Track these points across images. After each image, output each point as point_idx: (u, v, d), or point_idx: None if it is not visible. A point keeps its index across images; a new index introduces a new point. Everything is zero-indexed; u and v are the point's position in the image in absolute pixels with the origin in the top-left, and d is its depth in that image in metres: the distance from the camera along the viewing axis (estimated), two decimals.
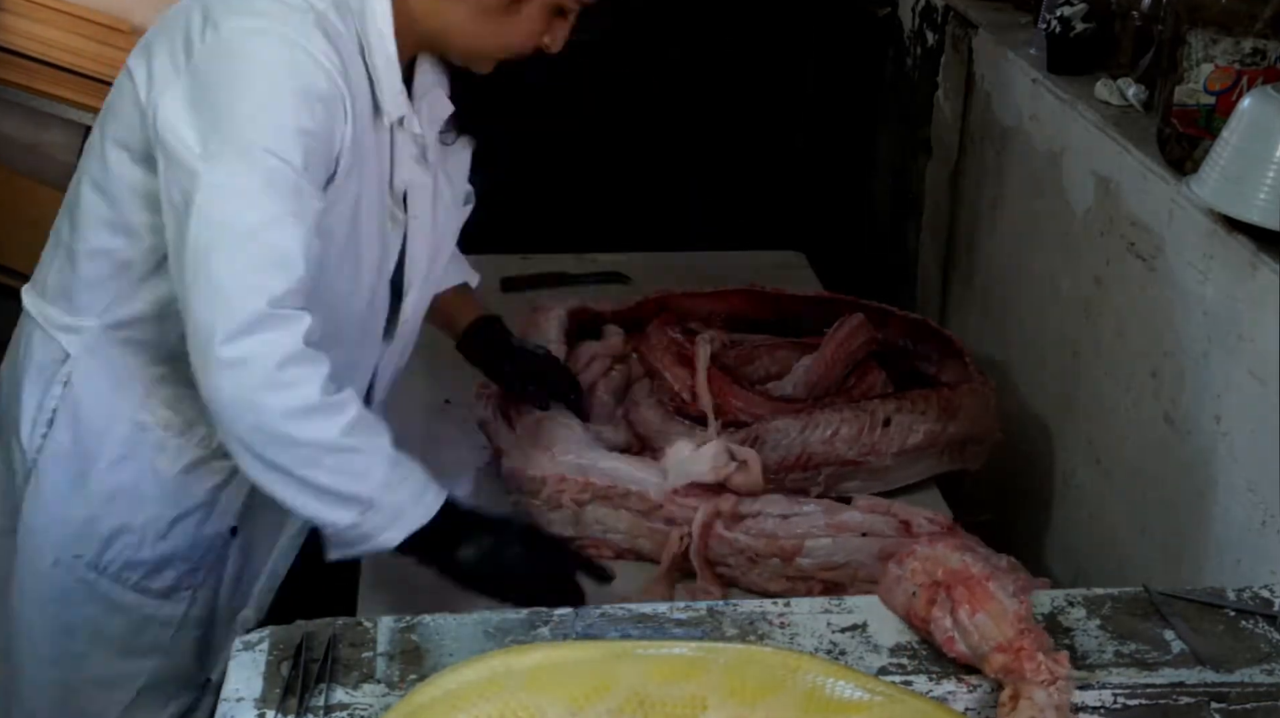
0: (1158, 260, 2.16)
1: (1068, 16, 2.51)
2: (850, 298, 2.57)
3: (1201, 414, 2.04)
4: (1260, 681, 1.45)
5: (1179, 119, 2.11)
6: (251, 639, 1.47)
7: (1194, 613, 1.55)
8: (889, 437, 2.17)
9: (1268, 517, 1.88)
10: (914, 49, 3.32)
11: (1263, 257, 1.88)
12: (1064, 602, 1.57)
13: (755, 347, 2.42)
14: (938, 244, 3.17)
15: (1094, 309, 2.38)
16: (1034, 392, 2.62)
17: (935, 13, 3.17)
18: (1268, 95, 1.91)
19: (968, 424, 2.25)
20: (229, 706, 1.38)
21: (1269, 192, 1.87)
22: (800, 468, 2.15)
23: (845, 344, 2.36)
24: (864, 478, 2.18)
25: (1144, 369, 2.21)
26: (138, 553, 1.90)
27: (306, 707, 1.37)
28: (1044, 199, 2.57)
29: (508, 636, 1.49)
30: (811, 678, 1.27)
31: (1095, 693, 1.43)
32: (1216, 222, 1.98)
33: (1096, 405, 2.38)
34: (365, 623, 1.50)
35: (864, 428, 2.16)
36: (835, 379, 2.33)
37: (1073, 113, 2.43)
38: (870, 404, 2.22)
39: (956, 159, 3.03)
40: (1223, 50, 2.07)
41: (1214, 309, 2.01)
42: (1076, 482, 2.46)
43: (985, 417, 2.29)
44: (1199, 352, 2.05)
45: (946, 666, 1.46)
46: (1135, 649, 1.49)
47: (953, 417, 2.22)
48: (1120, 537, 2.30)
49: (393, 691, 1.40)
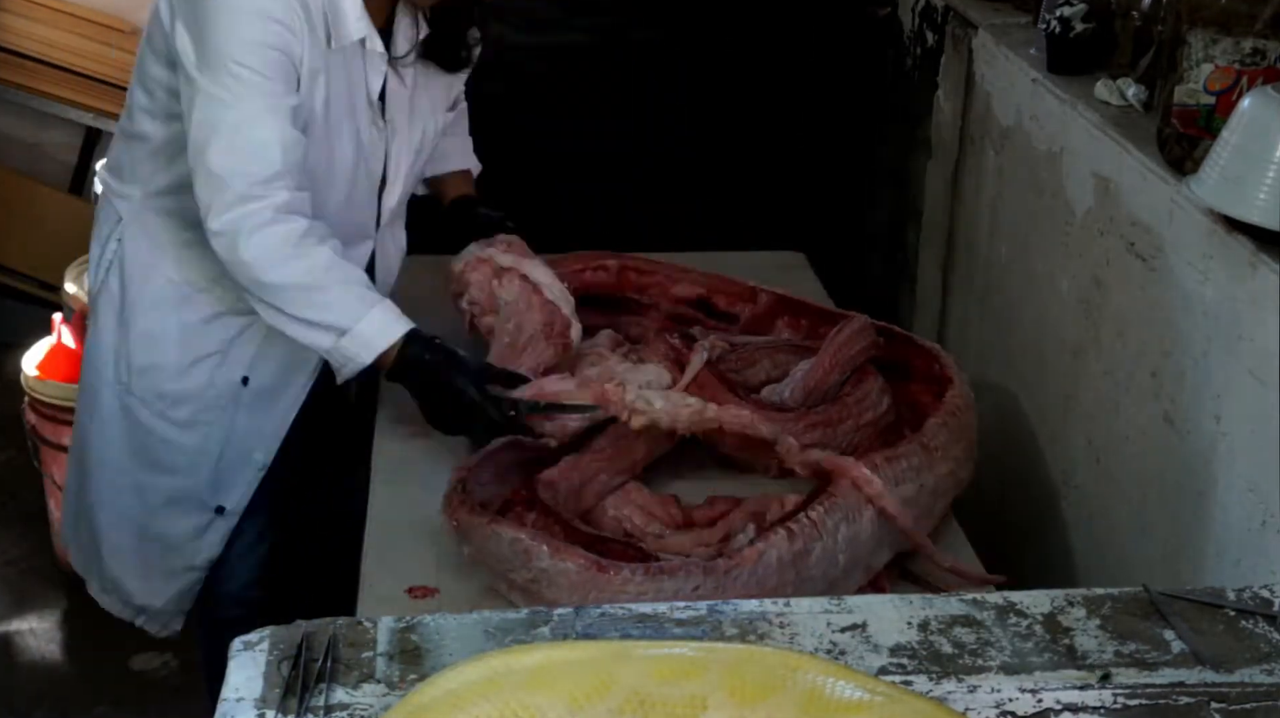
0: (1158, 260, 2.16)
1: (1068, 16, 2.51)
2: (796, 299, 2.58)
3: (1201, 414, 2.04)
4: (1260, 681, 1.45)
5: (1179, 119, 2.11)
6: (251, 639, 1.47)
7: (1194, 613, 1.55)
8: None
9: (1268, 517, 1.89)
10: (914, 49, 3.32)
11: (1263, 257, 1.89)
12: (1064, 602, 1.57)
13: (756, 349, 2.40)
14: (937, 244, 3.17)
15: (1094, 309, 2.38)
16: (1034, 392, 2.62)
17: (935, 13, 3.17)
18: (1268, 95, 1.91)
19: (950, 464, 2.15)
20: (229, 705, 1.38)
21: (1269, 192, 1.87)
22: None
23: (844, 349, 2.32)
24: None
25: (1144, 369, 2.21)
26: (163, 385, 2.33)
27: (306, 707, 1.37)
28: (1044, 199, 2.57)
29: (508, 636, 1.49)
30: (811, 678, 1.27)
31: (1095, 693, 1.43)
32: (1216, 222, 1.98)
33: (1096, 405, 2.38)
34: (365, 623, 1.50)
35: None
36: (833, 385, 2.29)
37: (1072, 113, 2.43)
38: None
39: (956, 159, 3.03)
40: (1223, 50, 2.07)
41: (1214, 309, 2.01)
42: (1076, 482, 2.46)
43: (966, 436, 2.22)
44: (1199, 352, 2.05)
45: (946, 665, 1.46)
46: (1135, 649, 1.49)
47: (931, 466, 2.11)
48: (1120, 537, 2.30)
49: (393, 691, 1.40)
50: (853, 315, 2.42)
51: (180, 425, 2.35)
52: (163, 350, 2.32)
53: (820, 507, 1.96)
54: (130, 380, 2.34)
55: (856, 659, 1.47)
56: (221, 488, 2.40)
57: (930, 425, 2.15)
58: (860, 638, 1.50)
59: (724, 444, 2.24)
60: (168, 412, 2.35)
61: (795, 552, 1.91)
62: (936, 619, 1.53)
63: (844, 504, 1.97)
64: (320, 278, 2.11)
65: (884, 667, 1.46)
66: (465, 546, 1.96)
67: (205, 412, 2.35)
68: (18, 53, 4.13)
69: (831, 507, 1.96)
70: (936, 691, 1.43)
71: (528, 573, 1.88)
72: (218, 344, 2.33)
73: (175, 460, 2.37)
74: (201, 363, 2.33)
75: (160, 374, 2.33)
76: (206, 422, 2.36)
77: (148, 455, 2.37)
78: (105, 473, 2.41)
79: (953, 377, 2.27)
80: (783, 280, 2.72)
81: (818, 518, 1.94)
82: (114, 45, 4.11)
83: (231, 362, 2.34)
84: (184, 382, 2.33)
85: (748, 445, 2.20)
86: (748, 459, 2.25)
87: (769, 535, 1.92)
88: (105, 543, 2.45)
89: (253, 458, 2.40)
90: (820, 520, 1.94)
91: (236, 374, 2.34)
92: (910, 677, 1.44)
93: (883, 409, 2.28)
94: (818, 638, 1.50)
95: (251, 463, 2.40)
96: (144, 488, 2.39)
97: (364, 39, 2.15)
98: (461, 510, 1.96)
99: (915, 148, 3.30)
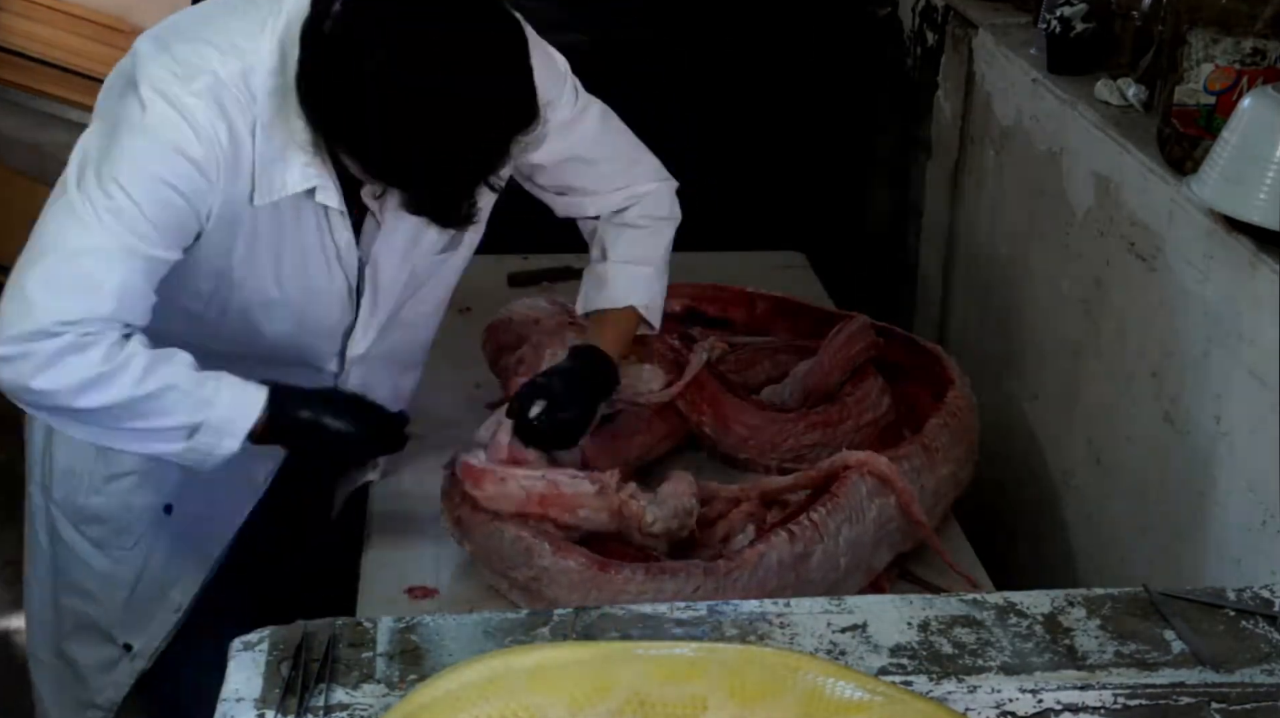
0: (1158, 260, 2.16)
1: (1068, 16, 2.51)
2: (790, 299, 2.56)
3: (1201, 414, 2.04)
4: (1260, 681, 1.45)
5: (1179, 119, 2.11)
6: (251, 639, 1.47)
7: (1194, 613, 1.55)
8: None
9: (1268, 517, 1.89)
10: (914, 49, 3.32)
11: (1263, 257, 1.89)
12: (1064, 602, 1.57)
13: (756, 350, 2.40)
14: (938, 244, 3.17)
15: (1094, 309, 2.38)
16: (1034, 392, 2.62)
17: (935, 13, 3.17)
18: (1268, 95, 1.91)
19: (952, 466, 2.15)
20: (229, 705, 1.38)
21: (1269, 192, 1.87)
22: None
23: (844, 350, 2.31)
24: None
25: (1144, 369, 2.21)
26: (79, 498, 2.06)
27: (306, 707, 1.37)
28: (1044, 199, 2.57)
29: (508, 636, 1.49)
30: (812, 678, 1.27)
31: (1095, 693, 1.43)
32: (1216, 222, 1.98)
33: (1096, 405, 2.37)
34: (365, 623, 1.50)
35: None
36: (833, 385, 2.28)
37: (1073, 113, 2.43)
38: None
39: (956, 159, 3.03)
40: (1223, 50, 2.07)
41: (1214, 309, 2.01)
42: (1076, 482, 2.46)
43: (967, 438, 2.21)
44: (1199, 352, 2.05)
45: (946, 666, 1.46)
46: (1135, 649, 1.49)
47: (933, 467, 2.10)
48: (1120, 537, 2.30)
49: (393, 691, 1.40)
50: (853, 316, 2.41)
51: (94, 545, 2.09)
52: (81, 458, 2.05)
53: (822, 508, 1.95)
54: (51, 484, 2.09)
55: (856, 660, 1.47)
56: (132, 625, 2.13)
57: (932, 426, 2.14)
58: (860, 638, 1.50)
59: (724, 444, 2.24)
60: (83, 527, 2.08)
61: (796, 554, 1.90)
62: (936, 620, 1.53)
63: (846, 505, 1.96)
64: (148, 386, 1.77)
65: (884, 667, 1.46)
66: (466, 543, 1.96)
67: (120, 535, 2.08)
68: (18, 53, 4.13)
69: (834, 508, 1.95)
70: (936, 691, 1.43)
71: (529, 571, 1.88)
72: (135, 463, 2.02)
73: (87, 583, 2.11)
74: (119, 481, 2.05)
75: (78, 484, 2.07)
76: (120, 547, 2.08)
77: (64, 570, 2.12)
78: (33, 575, 2.18)
79: (954, 378, 2.26)
80: (783, 280, 2.72)
81: (819, 520, 1.93)
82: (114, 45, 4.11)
83: (151, 485, 2.05)
84: (100, 498, 2.07)
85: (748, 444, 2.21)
86: (748, 459, 2.25)
87: (769, 537, 1.91)
88: (30, 650, 2.23)
89: (169, 597, 2.12)
90: (821, 522, 1.93)
91: (157, 500, 2.06)
92: (910, 677, 1.44)
93: (883, 409, 2.27)
94: (818, 638, 1.50)
95: (167, 603, 2.12)
96: (59, 605, 2.15)
97: (313, 189, 1.83)
98: (463, 508, 1.95)
99: (915, 148, 3.30)
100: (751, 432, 2.23)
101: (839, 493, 1.97)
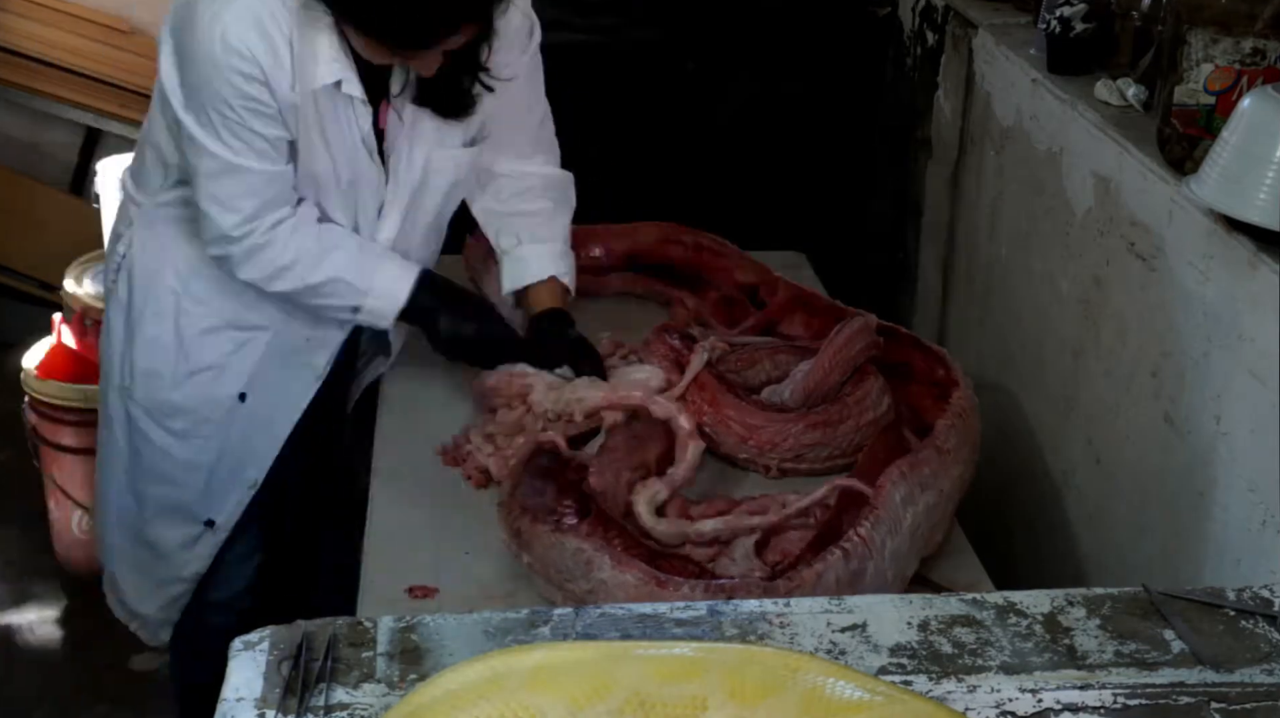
0: (1158, 260, 2.16)
1: (1068, 16, 2.51)
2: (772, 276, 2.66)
3: (1201, 414, 2.04)
4: (1260, 681, 1.45)
5: (1179, 119, 2.11)
6: (251, 639, 1.47)
7: (1194, 613, 1.55)
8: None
9: (1268, 517, 1.89)
10: (914, 49, 3.32)
11: (1263, 257, 1.89)
12: (1064, 602, 1.57)
13: (756, 350, 2.40)
14: (937, 244, 3.17)
15: (1094, 309, 2.38)
16: (1034, 392, 2.62)
17: (935, 13, 3.17)
18: (1268, 95, 1.91)
19: (960, 467, 2.13)
20: (229, 705, 1.38)
21: (1269, 192, 1.87)
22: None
23: (844, 349, 2.30)
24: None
25: (1144, 369, 2.21)
26: (161, 394, 2.34)
27: (306, 707, 1.37)
28: (1044, 199, 2.57)
29: (508, 636, 1.49)
30: (812, 678, 1.27)
31: (1095, 693, 1.43)
32: (1216, 222, 1.98)
33: (1096, 405, 2.38)
34: (365, 623, 1.50)
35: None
36: (834, 385, 2.28)
37: (1072, 113, 2.44)
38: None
39: (956, 159, 3.03)
40: (1223, 50, 2.07)
41: (1214, 309, 2.01)
42: (1076, 482, 2.46)
43: (971, 438, 2.20)
44: (1199, 352, 2.05)
45: (946, 665, 1.46)
46: (1135, 649, 1.49)
47: (946, 470, 2.09)
48: (1120, 537, 2.30)
49: (393, 691, 1.40)
50: (859, 314, 2.41)
51: (176, 436, 2.36)
52: (163, 359, 2.33)
53: (866, 522, 1.92)
54: (132, 386, 2.35)
55: (856, 659, 1.47)
56: (213, 502, 2.40)
57: (941, 428, 2.13)
58: (860, 638, 1.50)
59: (724, 444, 2.24)
60: (165, 421, 2.35)
61: (852, 571, 1.88)
62: (936, 619, 1.53)
63: (887, 519, 1.94)
64: (323, 273, 2.22)
65: (884, 667, 1.46)
66: (524, 554, 1.94)
67: (200, 425, 2.36)
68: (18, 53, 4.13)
69: (876, 522, 1.92)
70: (936, 691, 1.43)
71: (587, 584, 1.86)
72: (215, 358, 2.33)
73: (169, 470, 2.38)
74: (199, 375, 2.33)
75: (159, 382, 2.34)
76: (201, 435, 2.36)
77: (145, 462, 2.38)
78: (111, 473, 2.43)
79: (958, 379, 2.26)
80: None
81: (867, 535, 1.91)
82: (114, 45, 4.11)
83: (229, 377, 2.34)
84: (181, 392, 2.34)
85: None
86: (748, 459, 2.25)
87: (826, 557, 1.88)
88: (107, 543, 2.49)
89: (245, 474, 2.40)
90: (869, 537, 1.91)
91: (234, 389, 2.35)
92: (910, 677, 1.44)
93: (883, 409, 2.27)
94: (818, 638, 1.50)
95: (244, 479, 2.40)
96: (141, 494, 2.41)
97: (339, 82, 2.12)
98: (523, 519, 1.94)
99: (915, 148, 3.30)
100: (751, 432, 2.23)
101: (878, 505, 1.95)
